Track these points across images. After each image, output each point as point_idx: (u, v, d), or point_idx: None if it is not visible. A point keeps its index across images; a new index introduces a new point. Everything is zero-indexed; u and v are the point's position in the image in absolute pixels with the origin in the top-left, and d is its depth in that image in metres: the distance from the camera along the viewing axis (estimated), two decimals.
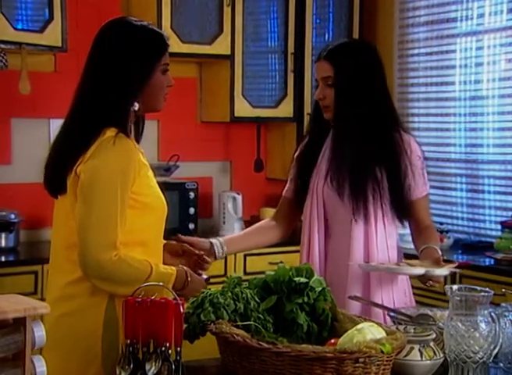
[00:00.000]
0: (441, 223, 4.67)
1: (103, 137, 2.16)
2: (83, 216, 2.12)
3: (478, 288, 2.03)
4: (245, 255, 4.53)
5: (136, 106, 2.24)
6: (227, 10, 4.71)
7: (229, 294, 2.06)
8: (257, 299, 2.09)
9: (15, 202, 4.39)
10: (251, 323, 2.02)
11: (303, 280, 2.10)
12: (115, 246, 2.11)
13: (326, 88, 2.61)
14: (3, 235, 4.18)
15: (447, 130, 4.87)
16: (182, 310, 1.84)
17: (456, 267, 2.54)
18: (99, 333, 2.14)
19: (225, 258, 4.45)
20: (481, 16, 4.66)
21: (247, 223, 5.01)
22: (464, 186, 4.79)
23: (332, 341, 1.95)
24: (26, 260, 4.08)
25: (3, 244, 4.19)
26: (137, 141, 2.34)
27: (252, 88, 4.89)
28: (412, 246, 2.73)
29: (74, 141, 2.20)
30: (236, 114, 4.82)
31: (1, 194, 4.39)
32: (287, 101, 4.95)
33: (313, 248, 2.65)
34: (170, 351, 1.82)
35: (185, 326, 2.00)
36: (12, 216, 4.23)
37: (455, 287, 2.02)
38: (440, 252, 2.55)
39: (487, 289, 2.01)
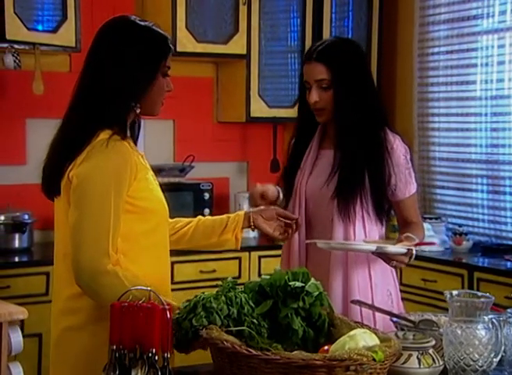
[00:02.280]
0: (459, 225, 4.59)
1: (96, 139, 2.09)
2: (74, 222, 2.05)
3: (479, 294, 1.96)
4: (260, 257, 4.49)
5: (138, 109, 2.18)
6: (243, 9, 4.67)
7: (223, 298, 2.00)
8: (251, 304, 2.03)
9: (29, 203, 4.37)
10: (245, 328, 1.96)
11: (298, 284, 2.04)
12: (107, 254, 2.03)
13: (321, 91, 2.55)
14: (16, 236, 4.17)
15: (468, 130, 4.78)
16: (169, 315, 1.79)
17: (416, 245, 2.47)
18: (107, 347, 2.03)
19: (240, 260, 4.42)
20: (503, 13, 4.57)
21: None
22: (484, 187, 4.70)
23: (326, 347, 1.89)
24: (38, 261, 4.07)
25: (16, 244, 4.19)
26: (135, 143, 2.25)
27: (268, 88, 4.85)
28: None
29: (67, 144, 2.13)
30: (252, 114, 4.78)
31: (16, 194, 4.39)
32: None
33: (292, 249, 2.63)
34: (157, 358, 1.78)
35: (178, 330, 1.96)
36: (26, 217, 4.22)
37: (455, 292, 1.95)
38: (416, 241, 2.50)
39: (487, 294, 1.94)
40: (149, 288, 1.89)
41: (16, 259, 4.09)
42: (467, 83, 4.77)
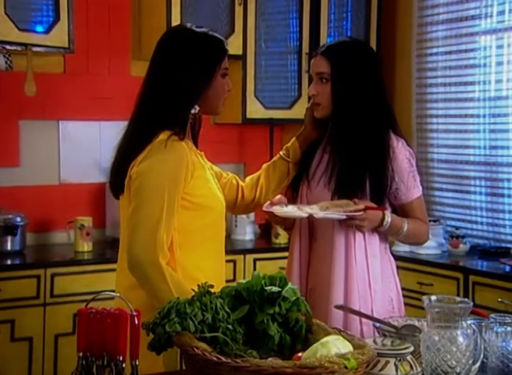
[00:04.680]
0: (456, 228, 4.53)
1: (156, 140, 2.25)
2: (129, 214, 2.22)
3: (458, 299, 1.92)
4: (255, 260, 4.44)
5: (196, 109, 2.32)
6: (239, 9, 4.63)
7: (197, 303, 1.95)
8: (227, 309, 1.98)
9: (23, 205, 4.36)
10: (219, 334, 1.92)
11: (275, 289, 1.99)
12: (157, 246, 2.17)
13: (320, 84, 2.56)
14: (9, 238, 4.14)
15: (466, 131, 4.71)
16: (137, 322, 1.76)
17: (364, 210, 2.41)
18: None
19: (234, 263, 4.38)
20: (501, 13, 4.51)
21: (261, 227, 4.93)
22: (483, 189, 4.63)
23: (300, 354, 1.84)
24: (30, 264, 4.04)
25: (9, 247, 4.15)
26: (195, 142, 2.42)
27: (265, 89, 4.80)
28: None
29: (131, 145, 2.30)
30: (248, 115, 4.74)
31: (9, 196, 4.37)
32: (301, 102, 4.83)
33: (296, 252, 2.59)
34: (124, 365, 1.74)
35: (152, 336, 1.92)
36: (18, 219, 4.18)
37: (433, 297, 1.91)
38: (363, 207, 2.42)
39: (466, 300, 1.90)
40: (119, 294, 1.85)
41: (8, 262, 4.03)
42: (465, 84, 4.70)
